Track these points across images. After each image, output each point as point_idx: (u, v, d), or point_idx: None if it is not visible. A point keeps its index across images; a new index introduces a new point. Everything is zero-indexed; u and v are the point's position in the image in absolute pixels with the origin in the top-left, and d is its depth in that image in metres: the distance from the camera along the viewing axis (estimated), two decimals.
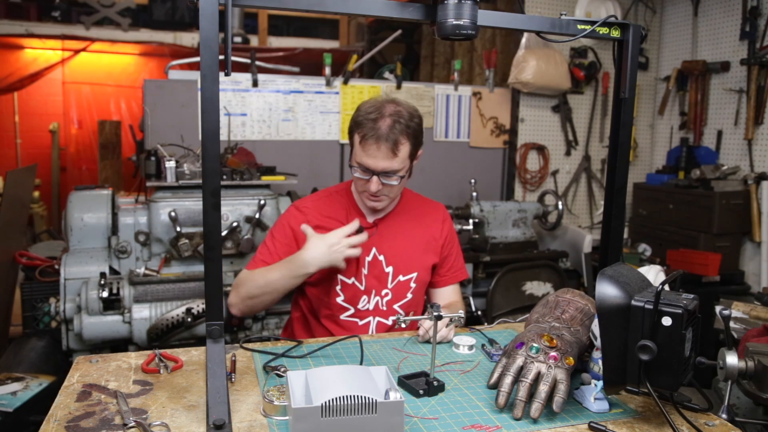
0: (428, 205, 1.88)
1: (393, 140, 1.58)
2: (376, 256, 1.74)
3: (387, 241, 1.75)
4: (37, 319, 2.47)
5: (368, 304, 1.75)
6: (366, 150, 1.60)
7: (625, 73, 1.38)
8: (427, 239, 1.81)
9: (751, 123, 3.27)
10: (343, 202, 1.78)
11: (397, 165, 1.62)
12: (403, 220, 1.80)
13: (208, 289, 1.22)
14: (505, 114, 3.71)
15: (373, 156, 1.60)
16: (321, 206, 1.77)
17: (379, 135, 1.58)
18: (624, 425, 1.12)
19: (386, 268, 1.75)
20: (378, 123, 1.59)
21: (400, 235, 1.77)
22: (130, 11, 5.77)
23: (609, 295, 1.07)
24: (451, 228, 1.89)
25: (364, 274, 1.73)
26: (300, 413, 0.95)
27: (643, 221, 3.68)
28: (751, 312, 2.11)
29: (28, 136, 6.10)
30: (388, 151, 1.59)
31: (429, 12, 1.25)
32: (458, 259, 1.90)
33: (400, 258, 1.75)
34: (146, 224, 2.35)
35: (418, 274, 1.77)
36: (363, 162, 1.62)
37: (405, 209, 1.81)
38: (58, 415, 1.08)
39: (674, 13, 3.84)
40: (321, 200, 1.80)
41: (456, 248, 1.89)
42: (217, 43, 1.12)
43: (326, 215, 1.75)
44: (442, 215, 1.87)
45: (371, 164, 1.61)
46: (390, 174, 1.62)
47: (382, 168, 1.61)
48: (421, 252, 1.79)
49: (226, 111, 3.04)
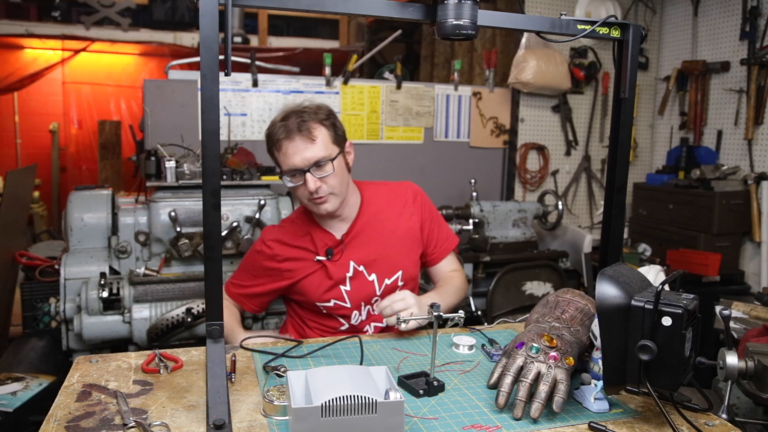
0: (393, 190, 1.81)
1: (305, 128, 1.57)
2: (356, 269, 1.71)
3: (362, 249, 1.72)
4: (37, 319, 2.47)
5: (361, 316, 1.74)
6: (285, 150, 1.59)
7: (625, 73, 1.38)
8: (402, 229, 1.75)
9: (751, 123, 3.27)
10: (304, 227, 1.75)
11: (321, 151, 1.58)
12: (371, 221, 1.74)
13: (208, 289, 1.22)
14: (505, 114, 3.71)
15: (293, 152, 1.58)
16: (283, 236, 1.75)
17: (289, 130, 1.58)
18: (624, 425, 1.12)
19: (369, 277, 1.72)
20: (286, 122, 1.59)
21: (373, 238, 1.73)
22: (130, 11, 5.77)
23: (609, 295, 1.07)
24: (425, 202, 1.82)
25: (347, 291, 1.70)
26: (300, 413, 0.95)
27: (643, 221, 3.68)
28: (751, 312, 2.11)
29: (28, 136, 6.10)
30: (305, 139, 1.57)
31: (429, 12, 1.25)
32: (442, 231, 1.83)
33: (381, 263, 1.72)
34: (146, 224, 2.35)
35: (403, 271, 1.74)
36: (288, 164, 1.60)
37: (370, 208, 1.76)
38: (58, 415, 1.08)
39: (674, 13, 3.84)
40: (284, 230, 1.77)
41: (436, 221, 1.83)
42: (217, 43, 1.12)
43: (292, 245, 1.73)
44: (411, 194, 1.80)
45: (296, 161, 1.58)
46: (320, 164, 1.59)
47: (307, 159, 1.57)
48: (399, 247, 1.74)
49: (226, 111, 3.04)
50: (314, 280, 1.71)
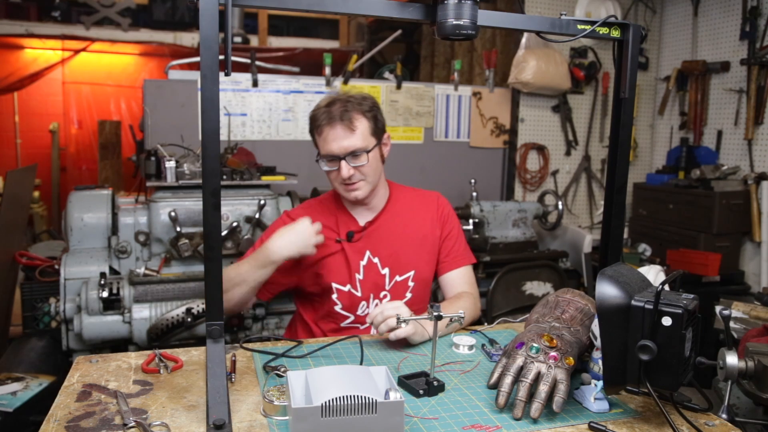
0: (421, 197, 1.85)
1: (347, 118, 1.60)
2: (370, 259, 1.73)
3: (380, 242, 1.74)
4: (37, 319, 2.47)
5: (368, 309, 1.74)
6: (325, 136, 1.62)
7: (625, 73, 1.38)
8: (422, 233, 1.78)
9: (751, 123, 3.27)
10: (331, 208, 1.77)
11: (359, 142, 1.61)
12: (394, 218, 1.77)
13: (208, 289, 1.22)
14: (505, 114, 3.71)
15: (332, 139, 1.61)
16: (310, 213, 1.75)
17: (332, 117, 1.60)
18: (624, 425, 1.12)
19: (382, 270, 1.74)
20: (330, 108, 1.62)
21: (393, 234, 1.76)
22: (130, 11, 5.77)
23: (609, 295, 1.07)
24: (450, 213, 1.85)
25: (359, 280, 1.72)
26: (300, 413, 0.95)
27: (643, 221, 3.68)
28: (751, 312, 2.11)
29: (28, 136, 6.10)
30: (345, 128, 1.60)
31: (429, 12, 1.25)
32: (460, 243, 1.84)
33: (396, 258, 1.74)
34: (146, 224, 2.35)
35: (416, 272, 1.76)
36: (326, 150, 1.63)
37: (395, 206, 1.79)
38: (58, 415, 1.08)
39: (674, 13, 3.84)
40: (311, 208, 1.80)
41: (457, 231, 1.84)
42: (217, 43, 1.12)
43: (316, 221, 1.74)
44: (435, 203, 1.84)
45: (333, 148, 1.61)
46: (356, 154, 1.62)
47: (345, 148, 1.61)
48: (416, 248, 1.76)
49: (226, 111, 3.04)
50: (334, 261, 1.73)
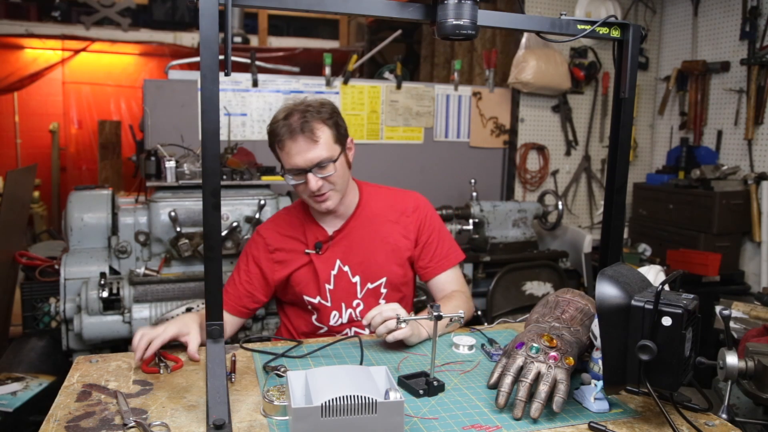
0: (397, 198, 1.78)
1: (309, 129, 1.56)
2: (341, 268, 1.70)
3: (350, 250, 1.71)
4: (37, 319, 2.47)
5: (341, 318, 1.72)
6: (288, 150, 1.58)
7: (625, 73, 1.38)
8: (394, 238, 1.73)
9: (751, 123, 3.27)
10: (299, 219, 1.75)
11: (324, 152, 1.57)
12: (364, 224, 1.73)
13: (208, 289, 1.22)
14: (505, 114, 3.71)
15: (296, 152, 1.57)
16: (278, 227, 1.75)
17: (293, 129, 1.56)
18: (624, 425, 1.12)
19: (353, 278, 1.71)
20: (288, 121, 1.57)
21: (363, 240, 1.72)
22: (130, 11, 5.77)
23: (609, 295, 1.07)
24: (427, 215, 1.78)
25: (330, 290, 1.70)
26: (300, 413, 0.95)
27: (643, 221, 3.68)
28: (751, 312, 2.11)
29: (28, 136, 6.10)
30: (307, 140, 1.56)
31: (429, 12, 1.25)
32: (443, 245, 1.77)
33: (366, 266, 1.71)
34: (146, 224, 2.35)
35: (387, 278, 1.72)
36: (291, 164, 1.59)
37: (365, 211, 1.74)
38: (58, 415, 1.08)
39: (674, 13, 3.84)
40: (279, 220, 1.78)
41: (438, 233, 1.77)
42: (217, 43, 1.12)
43: (284, 234, 1.73)
44: (413, 204, 1.77)
45: (298, 162, 1.57)
46: (322, 164, 1.58)
47: (310, 160, 1.56)
48: (387, 254, 1.72)
49: (226, 111, 3.04)
50: (304, 274, 1.71)
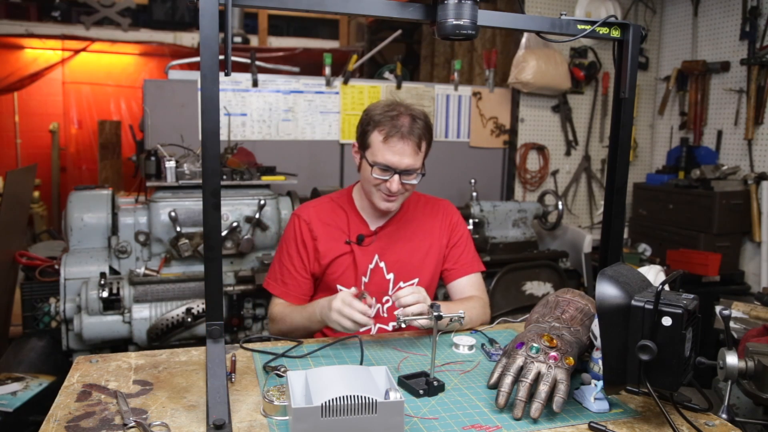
0: (432, 204, 1.85)
1: (417, 136, 1.59)
2: (378, 263, 1.73)
3: (389, 248, 1.74)
4: (37, 319, 2.47)
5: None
6: (392, 147, 1.58)
7: (625, 73, 1.38)
8: (429, 242, 1.78)
9: (751, 123, 3.27)
10: (344, 209, 1.76)
11: (418, 163, 1.62)
12: (405, 225, 1.77)
13: (208, 289, 1.22)
14: (505, 114, 3.71)
15: (400, 153, 1.58)
16: (321, 213, 1.75)
17: (404, 132, 1.57)
18: (624, 425, 1.12)
19: (387, 275, 1.73)
20: (399, 120, 1.58)
21: (402, 240, 1.75)
22: (130, 11, 5.78)
23: (609, 295, 1.07)
24: (458, 222, 1.84)
25: (364, 282, 1.72)
26: (300, 413, 0.95)
27: (643, 221, 3.68)
28: (751, 312, 2.11)
29: (28, 136, 6.10)
30: (414, 147, 1.59)
31: (429, 12, 1.25)
32: (468, 251, 1.83)
33: (402, 265, 1.74)
34: (146, 224, 2.35)
35: (420, 280, 1.75)
36: (387, 160, 1.59)
37: (406, 213, 1.79)
38: (58, 415, 1.08)
39: (674, 13, 3.84)
40: (322, 206, 1.78)
41: (465, 240, 1.84)
42: (217, 43, 1.12)
43: (326, 222, 1.74)
44: (444, 211, 1.84)
45: (396, 162, 1.58)
46: (411, 172, 1.61)
47: (406, 166, 1.59)
48: (422, 256, 1.76)
49: (226, 111, 3.04)
50: (342, 262, 1.72)
